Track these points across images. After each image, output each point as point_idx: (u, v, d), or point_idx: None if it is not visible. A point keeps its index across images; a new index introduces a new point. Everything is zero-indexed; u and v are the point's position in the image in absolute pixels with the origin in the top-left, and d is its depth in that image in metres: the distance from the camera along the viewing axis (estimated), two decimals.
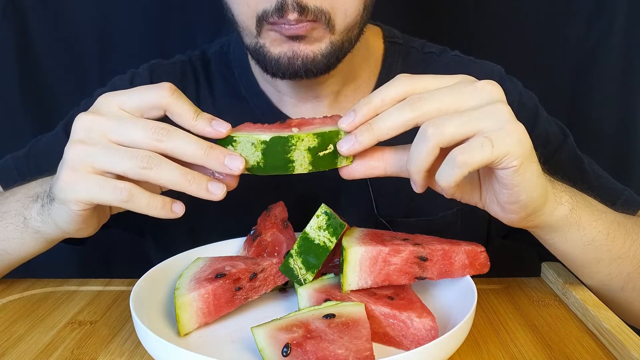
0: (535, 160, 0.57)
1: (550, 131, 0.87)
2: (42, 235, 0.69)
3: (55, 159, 0.86)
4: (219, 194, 0.59)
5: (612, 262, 0.68)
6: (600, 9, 1.20)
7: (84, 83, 1.22)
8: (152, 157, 0.58)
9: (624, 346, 0.58)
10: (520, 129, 0.54)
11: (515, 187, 0.56)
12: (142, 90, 0.60)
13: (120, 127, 0.59)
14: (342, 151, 0.59)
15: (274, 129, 0.61)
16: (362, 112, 0.58)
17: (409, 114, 0.56)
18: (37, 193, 0.69)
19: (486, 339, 0.62)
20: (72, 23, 1.21)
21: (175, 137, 0.58)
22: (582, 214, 0.65)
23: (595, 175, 0.87)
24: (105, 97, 0.61)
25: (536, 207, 0.60)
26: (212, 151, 0.58)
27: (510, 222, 0.62)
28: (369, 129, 0.58)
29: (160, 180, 0.58)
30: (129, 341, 0.63)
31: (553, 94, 1.20)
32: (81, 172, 0.59)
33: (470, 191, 0.63)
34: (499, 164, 0.54)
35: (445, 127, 0.53)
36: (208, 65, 0.92)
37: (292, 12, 0.69)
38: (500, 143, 0.53)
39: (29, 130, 1.22)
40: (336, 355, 0.51)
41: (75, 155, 0.59)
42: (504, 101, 0.56)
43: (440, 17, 1.24)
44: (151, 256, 0.96)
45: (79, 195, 0.59)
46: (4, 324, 0.68)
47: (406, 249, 0.60)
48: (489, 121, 0.54)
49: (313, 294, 0.62)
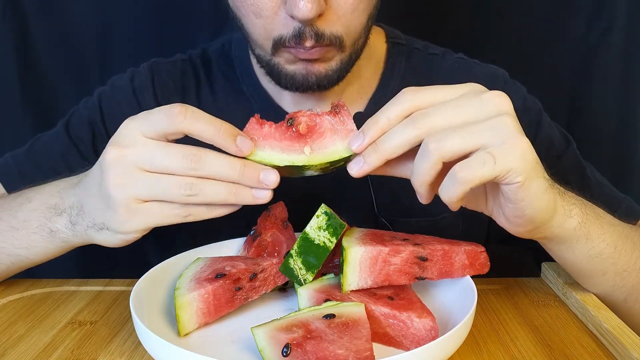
0: (541, 174, 0.56)
1: (554, 137, 0.87)
2: (70, 245, 0.71)
3: (55, 158, 0.86)
4: (266, 197, 0.61)
5: (618, 275, 0.67)
6: (600, 9, 1.20)
7: (84, 83, 1.22)
8: (194, 184, 0.59)
9: (624, 347, 0.58)
10: (525, 143, 0.53)
11: (520, 202, 0.55)
12: (157, 116, 0.59)
13: (154, 158, 0.59)
14: (352, 173, 0.60)
15: (284, 140, 0.61)
16: (370, 134, 0.58)
17: (412, 132, 0.56)
18: (59, 206, 0.69)
19: (486, 339, 0.62)
20: (72, 23, 1.21)
21: (207, 162, 0.58)
22: (591, 227, 0.63)
23: (596, 183, 0.87)
24: (127, 126, 0.60)
25: (543, 220, 0.59)
26: (246, 169, 0.59)
27: (517, 234, 0.61)
28: (376, 150, 0.58)
29: (207, 201, 0.60)
30: (129, 341, 0.63)
31: (553, 94, 1.20)
32: (135, 207, 0.60)
33: (475, 202, 0.63)
34: (503, 179, 0.53)
35: (447, 142, 0.53)
36: (209, 64, 0.92)
37: (310, 39, 0.70)
38: (503, 159, 0.52)
39: (29, 130, 1.22)
40: (336, 355, 0.51)
41: (119, 193, 0.60)
42: (511, 114, 0.55)
43: (440, 17, 1.24)
44: (150, 256, 0.96)
45: (141, 226, 0.62)
46: (4, 324, 0.68)
47: (406, 249, 0.60)
48: (492, 135, 0.53)
49: (313, 294, 0.62)
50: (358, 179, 0.85)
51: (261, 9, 0.71)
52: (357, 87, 0.87)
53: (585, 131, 1.22)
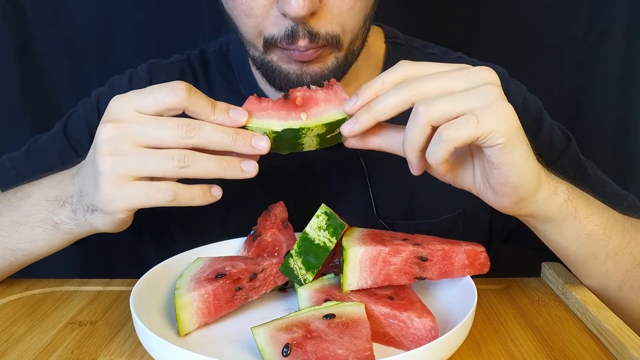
0: (524, 141, 0.58)
1: (554, 136, 0.87)
2: (74, 236, 0.71)
3: (53, 160, 0.86)
4: (253, 171, 0.62)
5: (609, 258, 0.68)
6: (600, 9, 1.20)
7: (84, 83, 1.22)
8: (187, 155, 0.59)
9: (624, 346, 0.58)
10: (508, 108, 0.56)
11: (503, 167, 0.57)
12: (157, 92, 0.61)
13: (147, 131, 0.60)
14: (344, 132, 0.62)
15: (281, 111, 0.63)
16: (364, 96, 0.61)
17: (404, 94, 0.58)
18: (60, 197, 0.69)
19: (486, 339, 0.62)
20: (72, 23, 1.21)
21: (202, 131, 0.60)
22: (579, 206, 0.65)
23: (598, 180, 0.87)
24: (120, 102, 0.61)
25: (527, 191, 0.60)
26: (239, 136, 0.61)
27: (503, 208, 0.62)
28: (368, 110, 0.61)
29: (198, 174, 0.60)
30: (129, 341, 0.63)
31: (553, 93, 1.20)
32: (122, 183, 0.60)
33: (463, 174, 0.64)
34: (485, 141, 0.55)
35: (436, 106, 0.56)
36: (207, 65, 0.92)
37: (303, 38, 0.69)
38: (486, 120, 0.55)
39: (29, 131, 1.22)
40: (336, 355, 0.51)
41: (109, 168, 0.60)
42: (497, 84, 0.57)
43: (440, 17, 1.24)
44: (149, 258, 0.96)
45: (125, 205, 0.61)
46: (4, 324, 0.68)
47: (406, 249, 0.60)
48: (478, 101, 0.56)
49: (313, 294, 0.62)
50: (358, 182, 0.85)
51: (252, 7, 0.70)
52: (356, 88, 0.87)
53: (585, 131, 1.22)
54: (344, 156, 0.84)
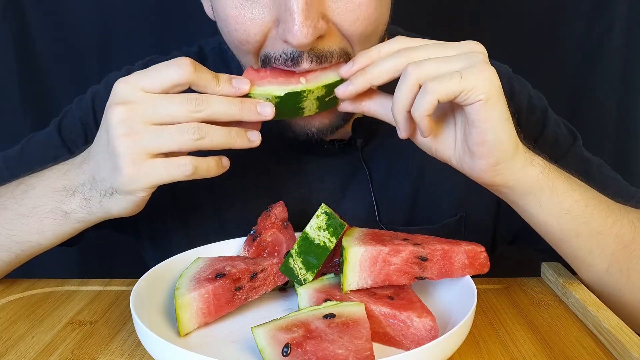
0: (503, 102, 0.60)
1: (560, 133, 0.87)
2: (84, 224, 0.71)
3: (47, 160, 0.85)
4: (258, 140, 0.65)
5: (592, 237, 0.68)
6: (601, 9, 1.20)
7: (84, 83, 1.21)
8: (200, 128, 0.61)
9: (624, 346, 0.58)
10: (491, 70, 0.59)
11: (482, 124, 0.59)
12: (164, 69, 0.62)
13: (157, 109, 0.61)
14: (339, 94, 0.66)
15: (280, 77, 0.67)
16: (360, 61, 0.64)
17: (397, 60, 0.62)
18: (69, 186, 0.69)
19: (486, 339, 0.62)
20: (72, 23, 1.21)
21: (210, 103, 0.62)
22: (557, 180, 0.66)
23: (604, 178, 0.86)
24: (126, 84, 0.62)
25: (504, 153, 0.61)
26: (244, 105, 0.64)
27: (480, 174, 0.63)
28: (363, 74, 0.64)
29: (212, 145, 0.62)
30: (129, 341, 0.63)
31: (553, 93, 1.19)
32: (141, 162, 0.62)
33: (444, 140, 0.65)
34: (467, 97, 0.58)
35: (424, 66, 0.59)
36: (205, 61, 0.92)
37: (307, 62, 0.67)
38: (469, 77, 0.57)
39: (29, 130, 1.21)
40: (336, 355, 0.51)
41: (127, 149, 0.61)
42: (482, 52, 0.61)
43: (440, 17, 1.24)
44: (147, 259, 0.95)
45: (147, 182, 0.63)
46: (4, 324, 0.68)
47: (406, 249, 0.60)
48: (463, 62, 0.59)
49: (313, 294, 0.62)
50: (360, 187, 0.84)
51: (248, 34, 0.68)
52: None
53: (585, 130, 1.21)
54: (346, 161, 0.84)
